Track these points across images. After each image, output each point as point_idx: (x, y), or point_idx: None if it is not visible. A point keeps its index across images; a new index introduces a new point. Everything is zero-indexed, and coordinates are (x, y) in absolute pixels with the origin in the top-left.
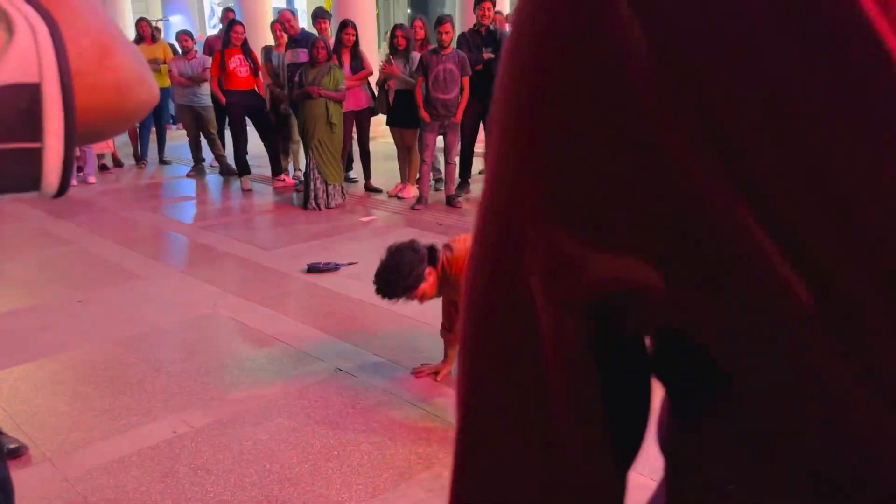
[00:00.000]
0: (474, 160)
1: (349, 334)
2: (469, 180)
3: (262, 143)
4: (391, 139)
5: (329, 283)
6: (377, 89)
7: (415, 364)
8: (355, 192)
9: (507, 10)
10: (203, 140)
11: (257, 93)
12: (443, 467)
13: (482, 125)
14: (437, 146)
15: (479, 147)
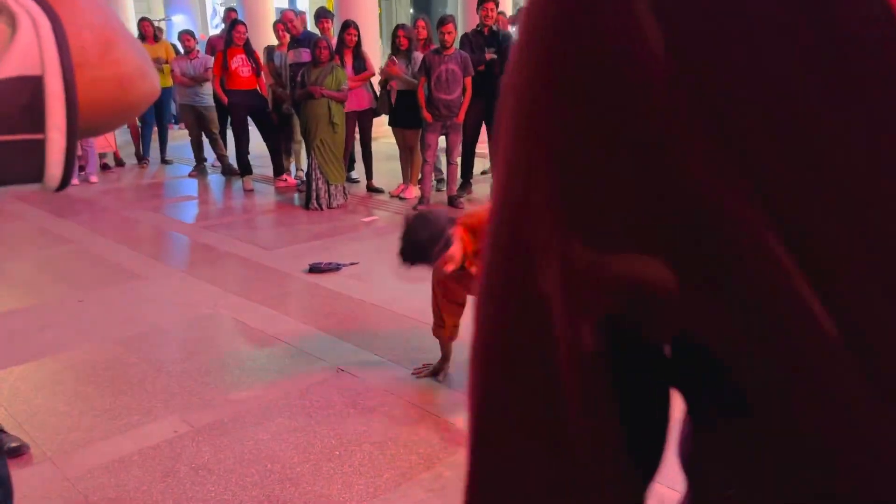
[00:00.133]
0: (476, 161)
1: (350, 334)
2: (471, 181)
3: (263, 142)
4: (393, 139)
5: (330, 284)
6: (379, 90)
7: (416, 364)
8: (357, 193)
9: (510, 10)
10: (205, 140)
11: (259, 93)
12: (444, 467)
13: (484, 125)
14: (439, 147)
15: (481, 147)
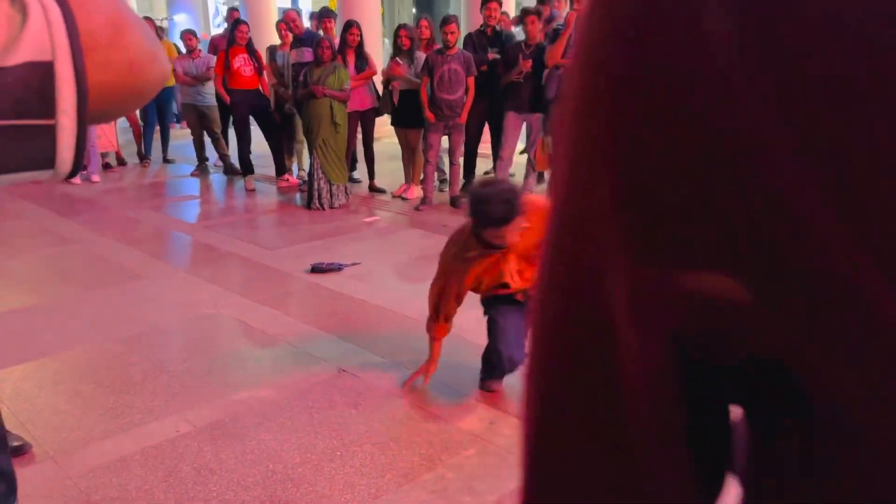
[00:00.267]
0: (479, 161)
1: (352, 335)
2: (473, 181)
3: (266, 142)
4: (395, 139)
5: (332, 284)
6: (382, 89)
7: (416, 364)
8: (359, 193)
9: (514, 11)
10: (207, 139)
11: (261, 92)
12: (446, 469)
13: (487, 126)
14: (441, 147)
15: (483, 148)
